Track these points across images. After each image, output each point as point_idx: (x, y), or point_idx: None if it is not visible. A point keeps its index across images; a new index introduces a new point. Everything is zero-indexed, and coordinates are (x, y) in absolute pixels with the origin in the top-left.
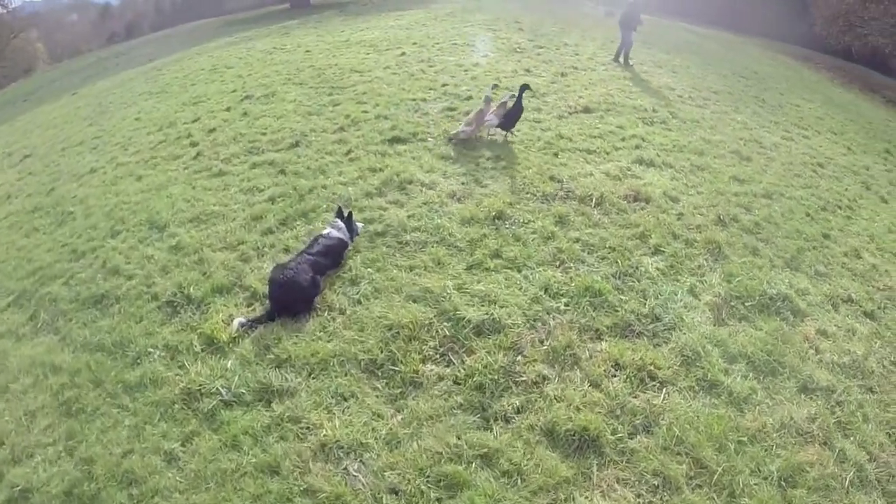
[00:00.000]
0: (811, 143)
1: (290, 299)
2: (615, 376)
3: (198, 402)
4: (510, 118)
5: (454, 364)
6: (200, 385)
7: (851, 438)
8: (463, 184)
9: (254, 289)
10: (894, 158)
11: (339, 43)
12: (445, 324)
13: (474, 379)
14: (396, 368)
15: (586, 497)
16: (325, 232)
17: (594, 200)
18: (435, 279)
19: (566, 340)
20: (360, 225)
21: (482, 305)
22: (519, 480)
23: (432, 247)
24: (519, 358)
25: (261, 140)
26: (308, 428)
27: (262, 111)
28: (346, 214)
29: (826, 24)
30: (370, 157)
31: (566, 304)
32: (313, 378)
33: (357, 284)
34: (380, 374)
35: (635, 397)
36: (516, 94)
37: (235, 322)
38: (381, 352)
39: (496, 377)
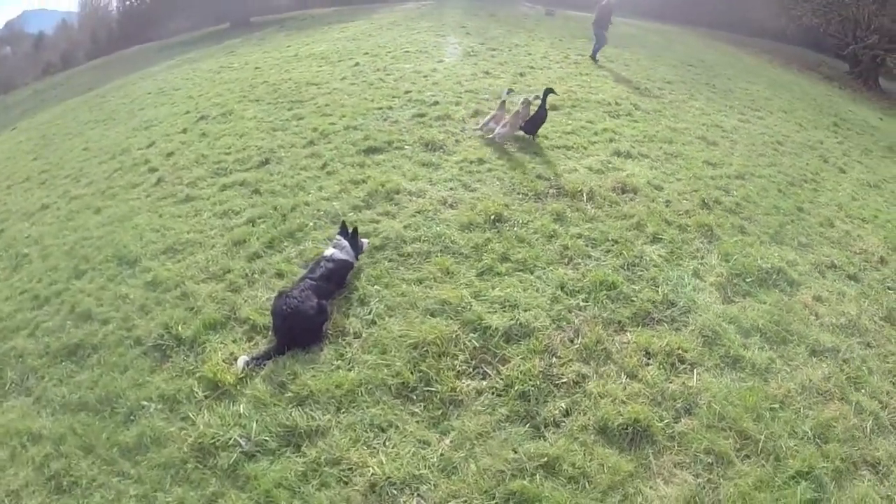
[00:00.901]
0: (766, 124)
1: (298, 330)
2: (648, 365)
3: (213, 457)
4: (534, 123)
5: (490, 376)
6: (213, 438)
7: (863, 391)
8: (452, 189)
9: (252, 321)
10: (843, 130)
11: (288, 58)
12: (472, 335)
13: (515, 388)
14: (432, 389)
15: (651, 487)
16: (327, 253)
17: (585, 195)
18: (448, 289)
19: (595, 336)
20: (365, 241)
21: (505, 311)
22: (586, 484)
23: (437, 256)
24: (554, 360)
25: (226, 160)
26: (350, 469)
27: (222, 130)
28: (350, 231)
29: (760, 9)
30: (348, 169)
31: (585, 301)
32: (343, 412)
33: (367, 304)
34: (415, 397)
35: (671, 382)
36: (529, 99)
37: (240, 361)
38: (412, 373)
39: (537, 383)
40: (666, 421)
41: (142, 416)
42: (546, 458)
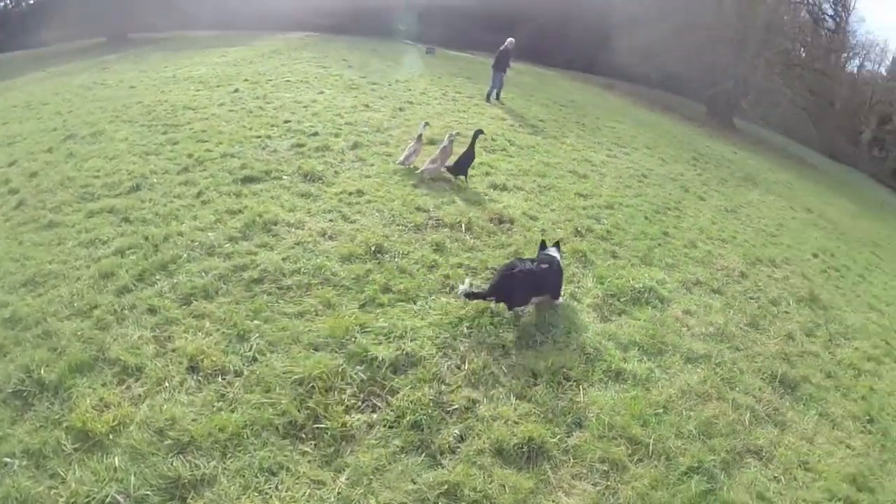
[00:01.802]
0: (632, 158)
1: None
2: (536, 385)
3: None
4: (461, 164)
5: (380, 408)
6: (87, 496)
7: (737, 389)
8: (331, 221)
9: (122, 361)
10: (701, 164)
11: (165, 79)
12: (358, 367)
13: (407, 418)
14: (321, 426)
15: (553, 500)
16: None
17: (464, 226)
18: (332, 322)
19: (481, 361)
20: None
21: (390, 342)
22: None
23: (317, 289)
24: (443, 387)
25: (94, 184)
26: None
27: (91, 152)
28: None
29: (628, 56)
30: (224, 198)
31: (469, 328)
32: (229, 458)
33: (246, 340)
34: (304, 436)
35: (559, 399)
36: (454, 137)
37: (466, 283)
38: (299, 411)
39: (428, 411)
40: (559, 436)
41: (4, 475)
42: (447, 486)
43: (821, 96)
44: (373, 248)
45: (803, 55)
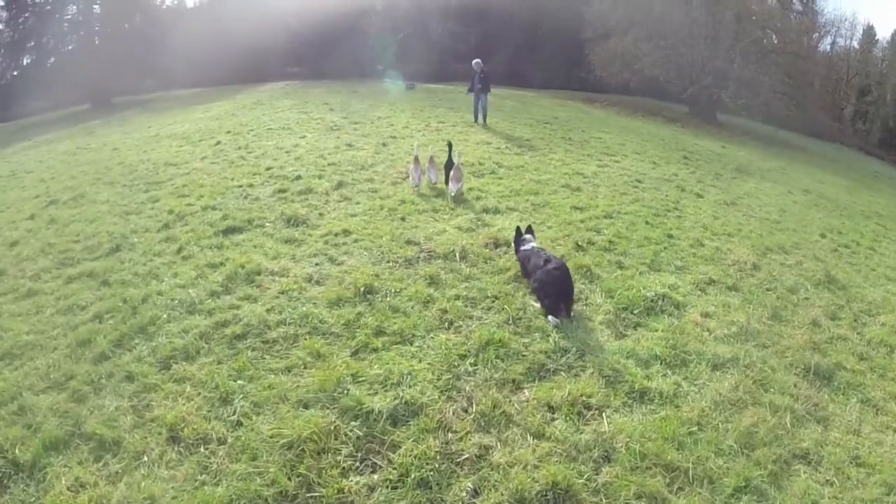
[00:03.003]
0: (623, 166)
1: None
2: (554, 420)
3: None
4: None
5: (381, 467)
6: None
7: (772, 390)
8: (317, 265)
9: (99, 436)
10: (693, 162)
11: (148, 138)
12: (353, 423)
13: (412, 476)
14: (315, 493)
15: None
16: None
17: (458, 255)
18: (322, 375)
19: (490, 401)
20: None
21: (387, 391)
22: None
23: (305, 339)
24: (450, 436)
25: (74, 248)
26: None
27: (72, 216)
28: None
29: (604, 67)
30: (206, 252)
31: (473, 364)
32: None
33: (230, 403)
34: None
35: (582, 433)
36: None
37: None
38: (290, 479)
39: (435, 465)
40: (587, 475)
41: None
42: None
43: (798, 79)
44: (362, 290)
45: (776, 41)
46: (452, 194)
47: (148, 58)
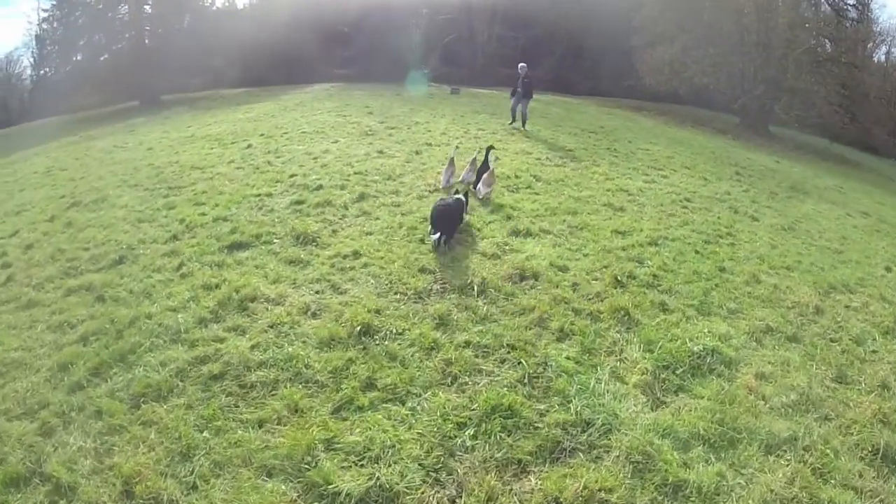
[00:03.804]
0: (671, 182)
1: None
2: None
3: None
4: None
5: None
6: None
7: (832, 482)
8: (317, 293)
9: (56, 478)
10: (745, 178)
11: (183, 139)
12: None
13: None
14: None
15: None
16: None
17: (476, 288)
18: (293, 436)
19: (486, 490)
20: None
21: (362, 467)
22: None
23: (285, 387)
24: None
25: (81, 257)
26: None
27: (89, 220)
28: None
29: (652, 75)
30: (205, 270)
31: (473, 437)
32: None
33: (190, 459)
34: None
35: None
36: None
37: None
38: None
39: None
40: None
41: None
42: None
43: (854, 90)
44: (358, 329)
45: (830, 50)
46: (480, 196)
47: (198, 57)
